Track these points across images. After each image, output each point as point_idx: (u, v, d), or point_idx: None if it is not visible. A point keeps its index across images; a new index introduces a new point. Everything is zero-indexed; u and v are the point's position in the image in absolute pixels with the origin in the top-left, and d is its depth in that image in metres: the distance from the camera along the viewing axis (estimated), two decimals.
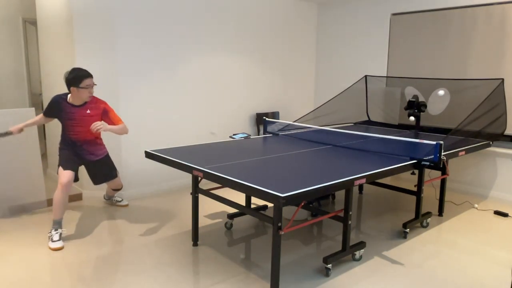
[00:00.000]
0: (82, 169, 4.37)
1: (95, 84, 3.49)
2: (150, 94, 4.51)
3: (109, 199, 4.26)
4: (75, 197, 4.33)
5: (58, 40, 4.45)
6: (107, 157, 3.75)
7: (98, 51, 4.18)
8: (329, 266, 2.83)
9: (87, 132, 3.53)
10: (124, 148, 4.38)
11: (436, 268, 2.97)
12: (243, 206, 2.92)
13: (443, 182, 4.03)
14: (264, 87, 5.68)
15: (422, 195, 3.60)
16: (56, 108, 3.47)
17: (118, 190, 3.98)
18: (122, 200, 4.23)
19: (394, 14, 5.34)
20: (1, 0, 5.60)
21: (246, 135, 4.03)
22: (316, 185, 2.36)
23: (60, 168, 3.39)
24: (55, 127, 4.78)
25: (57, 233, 3.25)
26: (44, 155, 5.66)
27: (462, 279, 2.81)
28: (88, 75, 3.35)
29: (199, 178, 3.21)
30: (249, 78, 5.46)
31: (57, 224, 3.29)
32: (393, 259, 3.10)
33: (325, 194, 2.40)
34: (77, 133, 3.52)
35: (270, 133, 4.28)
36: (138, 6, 4.29)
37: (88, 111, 3.47)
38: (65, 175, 3.32)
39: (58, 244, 3.18)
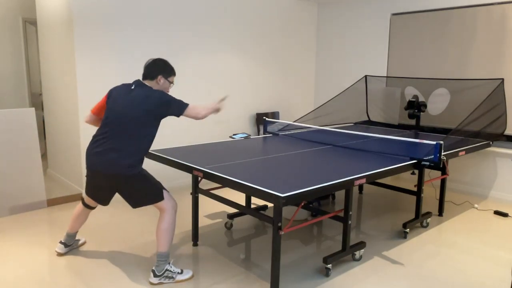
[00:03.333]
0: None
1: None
2: None
3: (71, 244, 3.14)
4: (75, 197, 4.33)
5: (58, 40, 4.45)
6: None
7: (98, 51, 4.17)
8: (329, 266, 2.83)
9: None
10: None
11: (436, 268, 2.96)
12: (243, 206, 2.93)
13: (443, 182, 4.03)
14: (264, 87, 5.68)
15: (422, 195, 3.60)
16: None
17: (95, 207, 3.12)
18: (80, 239, 3.29)
19: (394, 14, 5.34)
20: (1, 0, 5.60)
21: (246, 135, 4.03)
22: (316, 185, 2.36)
23: (165, 192, 2.76)
24: (55, 126, 4.78)
25: (172, 263, 2.85)
26: (44, 155, 5.66)
27: (462, 279, 2.81)
28: (175, 72, 2.90)
29: (199, 178, 3.21)
30: (249, 78, 5.46)
31: (168, 257, 2.74)
32: (393, 259, 3.10)
33: (325, 194, 2.40)
34: None
35: (270, 133, 4.28)
36: (138, 6, 4.29)
37: None
38: (171, 196, 2.82)
39: (189, 273, 2.78)
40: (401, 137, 3.55)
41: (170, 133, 4.74)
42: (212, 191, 3.24)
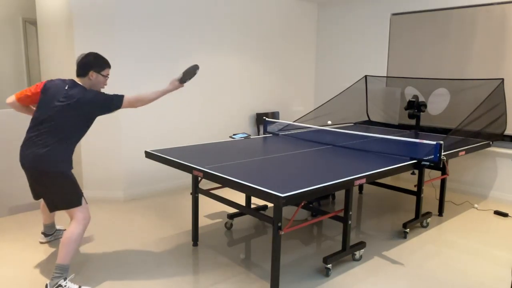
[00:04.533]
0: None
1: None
2: None
3: (53, 233, 3.32)
4: None
5: (58, 40, 4.45)
6: None
7: (98, 51, 4.17)
8: (329, 266, 2.83)
9: None
10: (124, 148, 4.38)
11: (436, 268, 2.96)
12: (243, 206, 2.92)
13: (443, 182, 4.03)
14: (264, 87, 5.68)
15: (422, 195, 3.60)
16: None
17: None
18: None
19: (394, 14, 5.34)
20: (1, 0, 5.60)
21: (246, 135, 4.03)
22: (316, 185, 2.36)
23: (83, 199, 2.72)
24: None
25: (70, 279, 2.62)
26: None
27: (462, 279, 2.81)
28: (110, 65, 2.90)
29: (199, 178, 3.21)
30: (249, 78, 5.46)
31: (66, 271, 2.57)
32: (393, 259, 3.10)
33: (325, 194, 2.40)
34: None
35: (270, 133, 4.28)
36: (138, 6, 4.28)
37: None
38: (88, 208, 2.79)
39: None
40: (401, 137, 3.55)
41: (170, 133, 4.74)
42: (212, 191, 3.24)
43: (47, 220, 3.25)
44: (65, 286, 2.53)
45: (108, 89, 4.23)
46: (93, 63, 2.74)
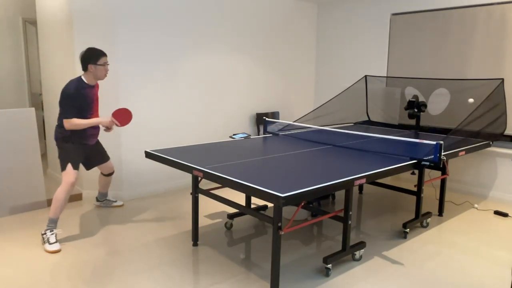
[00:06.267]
0: (80, 171, 4.38)
1: (109, 64, 3.48)
2: (150, 94, 4.50)
3: (103, 200, 4.13)
4: (75, 197, 4.33)
5: (58, 40, 4.45)
6: (98, 140, 3.74)
7: None
8: (329, 266, 2.83)
9: (96, 112, 3.50)
10: (124, 148, 4.38)
11: (436, 268, 2.97)
12: (243, 206, 2.92)
13: (443, 182, 4.03)
14: (264, 87, 5.68)
15: (422, 195, 3.60)
16: (81, 96, 3.27)
17: (111, 174, 3.86)
18: (117, 201, 4.21)
19: (394, 14, 5.34)
20: (1, 0, 5.60)
21: (246, 135, 4.03)
22: (316, 185, 2.36)
23: (69, 165, 3.30)
24: (54, 126, 4.78)
25: (53, 234, 3.19)
26: (44, 155, 5.66)
27: (462, 279, 2.81)
28: (105, 53, 3.36)
29: (199, 178, 3.21)
30: (249, 78, 5.46)
31: (54, 224, 3.24)
32: (393, 259, 3.10)
33: (325, 194, 2.40)
34: (92, 116, 3.42)
35: (270, 133, 4.28)
36: (138, 6, 4.29)
37: (97, 90, 3.50)
38: (74, 174, 3.29)
39: (56, 247, 3.11)
40: (401, 137, 3.55)
41: (170, 133, 4.74)
42: (212, 191, 3.24)
43: (100, 190, 4.03)
44: (44, 234, 3.20)
45: (109, 88, 4.23)
46: (88, 57, 3.27)
